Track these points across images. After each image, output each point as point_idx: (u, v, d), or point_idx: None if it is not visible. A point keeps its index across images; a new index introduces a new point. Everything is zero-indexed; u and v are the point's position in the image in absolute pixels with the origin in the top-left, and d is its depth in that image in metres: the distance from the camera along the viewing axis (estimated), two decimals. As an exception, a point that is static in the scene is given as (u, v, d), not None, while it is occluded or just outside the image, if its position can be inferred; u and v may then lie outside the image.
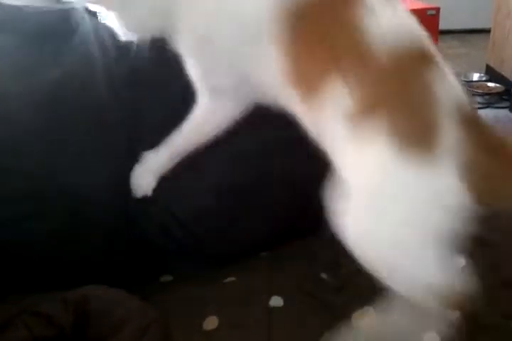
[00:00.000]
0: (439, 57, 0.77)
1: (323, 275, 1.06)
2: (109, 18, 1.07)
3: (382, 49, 0.72)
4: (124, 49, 1.03)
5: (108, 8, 0.98)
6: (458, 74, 3.07)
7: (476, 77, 3.29)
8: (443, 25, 2.67)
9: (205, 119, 1.00)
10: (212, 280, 1.15)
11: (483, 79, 3.24)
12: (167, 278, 1.19)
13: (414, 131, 0.71)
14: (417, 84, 0.73)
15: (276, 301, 1.03)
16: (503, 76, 3.12)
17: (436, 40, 2.17)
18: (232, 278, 1.17)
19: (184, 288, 1.12)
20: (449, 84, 0.74)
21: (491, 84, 3.10)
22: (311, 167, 0.98)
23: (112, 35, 1.08)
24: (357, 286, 0.99)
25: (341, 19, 0.76)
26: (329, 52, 0.76)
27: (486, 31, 3.70)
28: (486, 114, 2.82)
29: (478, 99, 2.98)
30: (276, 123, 0.98)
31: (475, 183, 0.69)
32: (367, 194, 0.74)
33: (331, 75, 0.75)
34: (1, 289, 0.94)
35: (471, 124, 0.72)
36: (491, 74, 3.28)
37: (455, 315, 0.80)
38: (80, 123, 1.02)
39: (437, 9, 2.11)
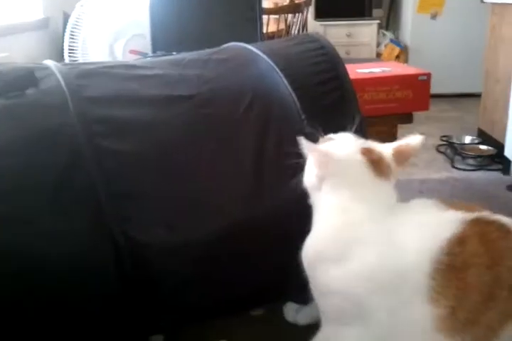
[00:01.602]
0: None
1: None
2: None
3: None
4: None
5: None
6: (450, 137, 3.13)
7: (468, 139, 3.34)
8: (436, 89, 2.74)
9: None
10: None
11: (476, 142, 3.29)
12: (158, 338, 1.17)
13: None
14: None
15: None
16: (494, 139, 3.17)
17: (428, 104, 2.22)
18: (224, 341, 1.15)
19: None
20: None
21: (483, 147, 3.15)
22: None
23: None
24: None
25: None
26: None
27: (476, 95, 3.79)
28: (479, 176, 2.85)
29: (471, 161, 3.02)
30: None
31: None
32: None
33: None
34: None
35: None
36: (483, 137, 3.33)
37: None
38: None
39: (428, 75, 2.17)
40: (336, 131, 1.07)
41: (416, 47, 4.67)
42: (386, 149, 1.03)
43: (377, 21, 4.96)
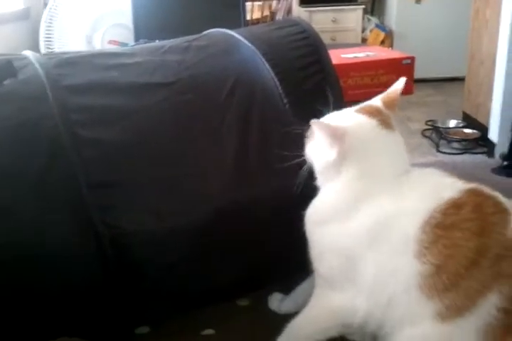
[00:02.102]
0: None
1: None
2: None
3: None
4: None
5: None
6: (435, 122, 3.14)
7: (453, 123, 3.35)
8: (420, 74, 2.74)
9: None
10: (190, 332, 1.13)
11: (460, 125, 3.30)
12: (143, 329, 1.17)
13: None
14: None
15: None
16: (479, 122, 3.19)
17: (412, 88, 2.23)
18: (211, 331, 1.15)
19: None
20: None
21: (467, 131, 3.17)
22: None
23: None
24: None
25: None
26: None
27: (460, 79, 3.81)
28: (464, 159, 2.87)
29: (456, 144, 3.03)
30: None
31: None
32: None
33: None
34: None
35: None
36: (468, 120, 3.35)
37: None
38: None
39: (412, 58, 2.18)
40: (318, 114, 1.08)
41: (401, 32, 4.66)
42: (377, 102, 1.07)
43: (363, 6, 4.94)
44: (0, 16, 2.79)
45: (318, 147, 1.03)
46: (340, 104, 1.14)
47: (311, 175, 1.06)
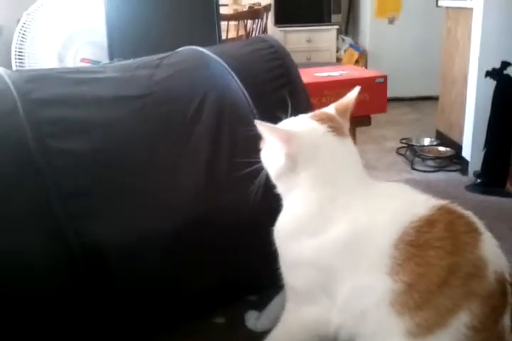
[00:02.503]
0: None
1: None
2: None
3: None
4: None
5: None
6: (410, 140, 3.17)
7: (427, 141, 3.39)
8: (395, 92, 2.78)
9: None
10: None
11: (434, 143, 3.34)
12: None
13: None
14: None
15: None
16: (452, 140, 3.23)
17: (385, 106, 2.25)
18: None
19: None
20: None
21: (441, 148, 3.20)
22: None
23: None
24: None
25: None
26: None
27: (434, 98, 3.86)
28: (438, 177, 2.90)
29: (430, 162, 3.06)
30: None
31: None
32: None
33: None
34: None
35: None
36: (441, 138, 3.39)
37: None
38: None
39: (385, 77, 2.20)
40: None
41: (375, 51, 4.74)
42: (330, 110, 1.06)
43: (336, 27, 5.02)
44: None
45: (269, 152, 1.04)
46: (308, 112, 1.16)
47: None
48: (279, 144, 0.99)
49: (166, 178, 1.12)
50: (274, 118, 1.11)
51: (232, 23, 4.00)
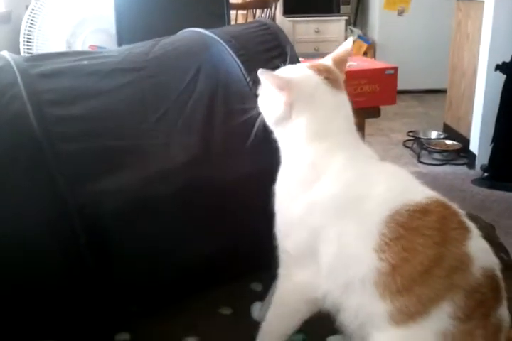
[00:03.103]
0: None
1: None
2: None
3: None
4: None
5: None
6: (417, 133, 3.16)
7: (434, 134, 3.38)
8: (402, 85, 2.77)
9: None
10: (172, 340, 1.11)
11: (441, 136, 3.33)
12: (123, 336, 1.14)
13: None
14: None
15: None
16: (460, 134, 3.21)
17: (395, 98, 2.24)
18: (193, 339, 1.13)
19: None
20: None
21: (448, 142, 3.19)
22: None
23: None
24: None
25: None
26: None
27: (441, 91, 3.84)
28: (445, 170, 2.89)
29: (437, 155, 3.05)
30: None
31: None
32: None
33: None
34: None
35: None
36: (449, 132, 3.38)
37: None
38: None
39: (395, 69, 2.19)
40: None
41: (383, 43, 4.71)
42: (327, 61, 1.08)
43: (345, 18, 4.99)
44: (-20, 19, 2.75)
45: (267, 98, 1.05)
46: None
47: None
48: (277, 91, 1.00)
49: (157, 145, 1.14)
50: None
51: (241, 12, 3.98)
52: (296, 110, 1.00)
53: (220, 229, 1.16)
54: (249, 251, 1.20)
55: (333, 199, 0.94)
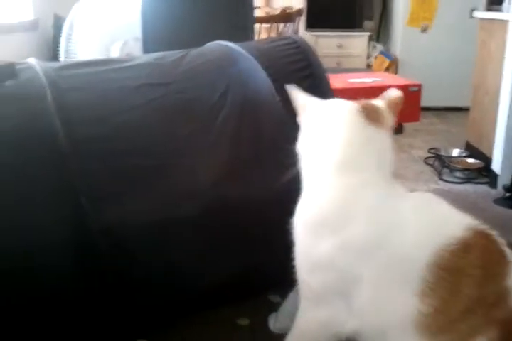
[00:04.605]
0: None
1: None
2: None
3: None
4: None
5: None
6: (438, 150, 3.13)
7: (456, 152, 3.35)
8: (423, 102, 2.75)
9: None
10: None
11: (463, 155, 3.30)
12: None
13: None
14: None
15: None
16: (482, 152, 3.18)
17: (418, 115, 2.23)
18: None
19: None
20: None
21: (470, 160, 3.16)
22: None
23: None
24: None
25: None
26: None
27: (463, 109, 3.81)
28: (466, 188, 2.85)
29: (459, 173, 3.02)
30: None
31: None
32: None
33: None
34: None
35: None
36: (471, 150, 3.34)
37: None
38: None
39: (419, 86, 2.19)
40: None
41: (406, 59, 4.70)
42: (378, 102, 1.06)
43: (368, 33, 4.99)
44: (9, 26, 2.79)
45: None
46: None
47: None
48: (298, 111, 1.00)
49: (185, 165, 1.13)
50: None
51: (264, 25, 3.99)
52: (315, 135, 0.98)
53: (243, 248, 1.15)
54: (268, 267, 1.19)
55: (366, 242, 0.91)
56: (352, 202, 0.93)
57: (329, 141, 0.97)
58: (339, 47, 4.90)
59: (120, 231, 1.04)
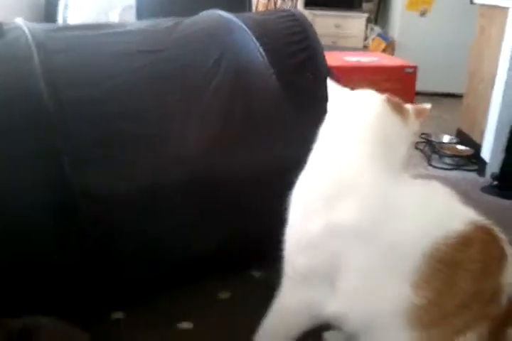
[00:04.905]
0: None
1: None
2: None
3: None
4: None
5: None
6: (429, 135, 3.12)
7: (446, 139, 3.34)
8: (418, 87, 2.73)
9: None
10: (166, 324, 1.09)
11: (454, 141, 3.29)
12: (119, 315, 1.13)
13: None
14: None
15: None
16: (472, 140, 3.17)
17: (413, 98, 2.20)
18: (189, 324, 1.11)
19: (135, 330, 1.06)
20: None
21: (460, 147, 3.15)
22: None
23: None
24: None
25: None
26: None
27: (457, 96, 3.80)
28: (455, 175, 2.85)
29: (448, 160, 3.01)
30: None
31: None
32: None
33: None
34: None
35: None
36: (462, 137, 3.34)
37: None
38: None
39: (415, 67, 2.16)
40: (302, 86, 1.16)
41: (403, 43, 4.66)
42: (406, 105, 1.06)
43: (367, 15, 4.93)
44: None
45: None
46: (324, 82, 1.16)
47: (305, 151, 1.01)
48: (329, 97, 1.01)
49: (176, 130, 1.11)
50: (291, 81, 1.12)
51: (262, 1, 3.94)
52: (340, 119, 0.99)
53: (228, 220, 1.13)
54: (254, 239, 1.17)
55: (357, 224, 0.88)
56: (349, 181, 0.91)
57: (352, 122, 0.98)
58: (337, 27, 4.84)
59: (105, 196, 1.02)
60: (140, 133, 1.07)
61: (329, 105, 1.03)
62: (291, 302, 0.97)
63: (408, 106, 1.04)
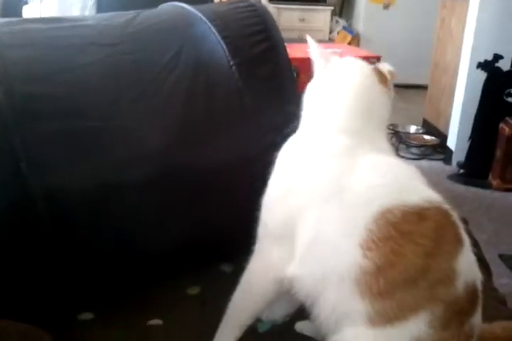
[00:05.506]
0: None
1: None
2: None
3: None
4: None
5: None
6: (396, 126, 3.15)
7: (413, 129, 3.39)
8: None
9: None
10: (136, 321, 1.08)
11: (420, 131, 3.34)
12: (87, 316, 1.11)
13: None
14: None
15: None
16: (438, 130, 3.22)
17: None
18: (158, 321, 1.10)
19: (104, 330, 1.04)
20: None
21: (427, 137, 3.20)
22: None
23: None
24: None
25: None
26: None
27: (423, 87, 3.85)
28: (421, 164, 2.89)
29: (415, 150, 3.06)
30: None
31: None
32: None
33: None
34: None
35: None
36: (428, 127, 3.39)
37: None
38: None
39: (378, 58, 2.19)
40: (263, 77, 1.12)
41: (367, 35, 4.70)
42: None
43: (331, 8, 4.96)
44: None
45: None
46: (286, 71, 1.14)
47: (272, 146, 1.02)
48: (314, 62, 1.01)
49: (130, 127, 1.09)
50: (252, 71, 1.11)
51: (226, -5, 3.92)
52: (326, 86, 0.99)
53: (193, 214, 1.12)
54: (221, 236, 1.17)
55: (319, 182, 0.90)
56: (320, 143, 0.94)
57: (343, 89, 0.99)
58: (301, 21, 4.86)
59: (63, 195, 1.00)
60: (92, 130, 1.05)
61: (316, 71, 1.03)
62: (258, 261, 0.97)
63: (381, 70, 1.07)
